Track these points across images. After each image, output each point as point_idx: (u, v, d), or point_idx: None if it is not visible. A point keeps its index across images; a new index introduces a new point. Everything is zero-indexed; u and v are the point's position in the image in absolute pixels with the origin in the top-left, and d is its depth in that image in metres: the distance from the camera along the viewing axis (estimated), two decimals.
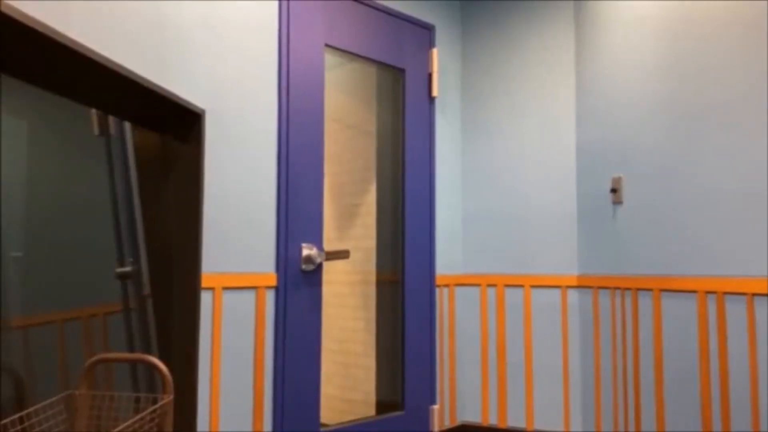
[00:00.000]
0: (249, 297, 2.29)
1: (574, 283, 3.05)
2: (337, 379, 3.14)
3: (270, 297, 2.37)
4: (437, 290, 3.12)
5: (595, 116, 2.95)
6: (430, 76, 3.11)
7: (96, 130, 1.93)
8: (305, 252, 2.51)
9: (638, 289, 2.56)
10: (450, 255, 3.24)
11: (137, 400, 1.61)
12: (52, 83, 1.53)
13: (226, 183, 2.23)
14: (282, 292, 2.42)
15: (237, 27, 2.30)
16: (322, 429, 2.60)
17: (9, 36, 1.16)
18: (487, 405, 3.17)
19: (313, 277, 2.56)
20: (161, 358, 1.66)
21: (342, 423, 2.75)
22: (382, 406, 3.05)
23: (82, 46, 1.32)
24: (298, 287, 2.51)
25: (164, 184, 1.92)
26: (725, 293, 2.15)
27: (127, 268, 1.80)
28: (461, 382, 3.22)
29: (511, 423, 3.11)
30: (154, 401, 1.58)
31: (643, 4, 2.60)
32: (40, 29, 1.18)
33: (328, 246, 3.03)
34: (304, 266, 2.51)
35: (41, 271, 1.64)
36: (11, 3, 1.11)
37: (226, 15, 2.26)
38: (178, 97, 1.82)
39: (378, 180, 3.05)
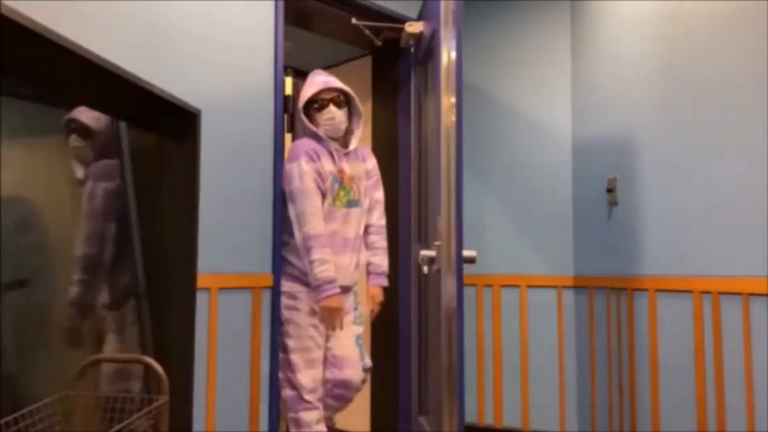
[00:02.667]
0: (245, 297, 2.28)
1: (570, 284, 3.06)
2: None
3: (266, 297, 2.36)
4: None
5: (591, 116, 2.95)
6: None
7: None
8: None
9: (634, 289, 2.56)
10: None
11: (133, 400, 1.61)
12: (47, 83, 1.53)
13: (222, 183, 2.22)
14: (279, 292, 2.41)
15: (234, 26, 2.30)
16: None
17: (4, 36, 1.15)
18: (483, 405, 3.17)
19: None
20: (157, 358, 1.65)
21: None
22: (378, 409, 3.05)
23: (77, 45, 1.31)
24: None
25: (160, 184, 1.92)
26: (721, 293, 2.16)
27: (19, 277, 1.69)
28: None
29: (507, 423, 3.11)
30: (150, 402, 1.57)
31: (639, 3, 2.60)
32: (35, 29, 1.18)
33: None
34: None
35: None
36: (8, 3, 1.10)
37: (223, 14, 2.25)
38: (174, 96, 1.81)
39: None
